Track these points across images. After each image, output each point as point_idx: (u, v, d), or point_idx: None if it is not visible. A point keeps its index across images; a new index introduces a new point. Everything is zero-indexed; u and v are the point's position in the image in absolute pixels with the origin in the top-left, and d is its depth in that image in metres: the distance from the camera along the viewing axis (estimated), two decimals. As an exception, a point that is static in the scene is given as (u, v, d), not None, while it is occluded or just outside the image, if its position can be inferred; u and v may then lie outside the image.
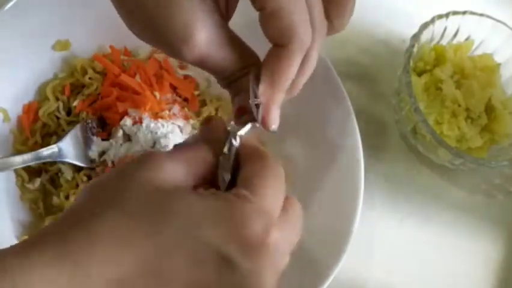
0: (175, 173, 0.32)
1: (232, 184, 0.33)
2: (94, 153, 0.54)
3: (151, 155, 0.33)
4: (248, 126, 0.35)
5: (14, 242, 0.51)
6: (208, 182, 0.33)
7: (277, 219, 0.31)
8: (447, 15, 0.60)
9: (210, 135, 0.35)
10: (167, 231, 0.30)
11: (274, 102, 0.35)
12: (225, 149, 0.33)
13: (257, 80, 0.35)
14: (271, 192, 0.32)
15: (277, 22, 0.33)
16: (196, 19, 0.33)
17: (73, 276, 0.29)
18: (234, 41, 0.35)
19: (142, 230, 0.30)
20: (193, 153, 0.33)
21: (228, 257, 0.30)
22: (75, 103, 0.56)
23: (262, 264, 0.30)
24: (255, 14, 0.34)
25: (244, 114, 0.35)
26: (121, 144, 0.54)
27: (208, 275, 0.30)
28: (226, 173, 0.33)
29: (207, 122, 0.36)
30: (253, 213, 0.30)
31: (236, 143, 0.34)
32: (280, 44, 0.34)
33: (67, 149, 0.54)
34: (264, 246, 0.30)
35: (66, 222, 0.31)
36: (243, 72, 0.36)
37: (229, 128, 0.35)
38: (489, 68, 0.61)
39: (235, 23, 0.36)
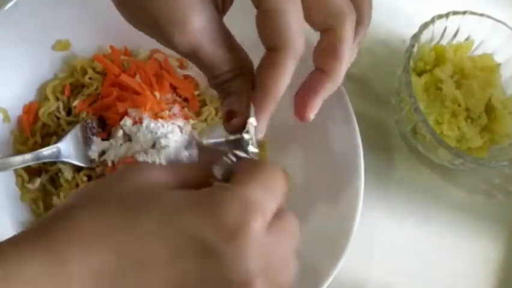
0: (161, 175, 0.33)
1: None
2: (94, 153, 0.54)
3: (142, 163, 0.34)
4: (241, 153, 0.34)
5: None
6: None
7: (267, 216, 0.31)
8: (447, 15, 0.60)
9: (205, 158, 0.36)
10: (146, 221, 0.30)
11: (266, 110, 0.35)
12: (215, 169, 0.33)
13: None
14: (258, 185, 0.31)
15: (272, 21, 0.33)
16: (191, 6, 0.33)
17: (53, 265, 0.29)
18: (227, 38, 0.35)
19: (122, 220, 0.30)
20: (185, 167, 0.35)
21: (206, 243, 0.29)
22: (75, 103, 0.56)
23: (243, 250, 0.29)
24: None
25: (233, 118, 0.35)
26: (121, 144, 0.54)
27: (188, 264, 0.30)
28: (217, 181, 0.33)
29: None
30: (231, 198, 0.30)
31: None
32: (272, 47, 0.34)
33: (67, 149, 0.53)
34: (243, 229, 0.29)
35: (49, 216, 0.31)
36: (234, 73, 0.35)
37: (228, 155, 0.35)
38: (489, 68, 0.61)
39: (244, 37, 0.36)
